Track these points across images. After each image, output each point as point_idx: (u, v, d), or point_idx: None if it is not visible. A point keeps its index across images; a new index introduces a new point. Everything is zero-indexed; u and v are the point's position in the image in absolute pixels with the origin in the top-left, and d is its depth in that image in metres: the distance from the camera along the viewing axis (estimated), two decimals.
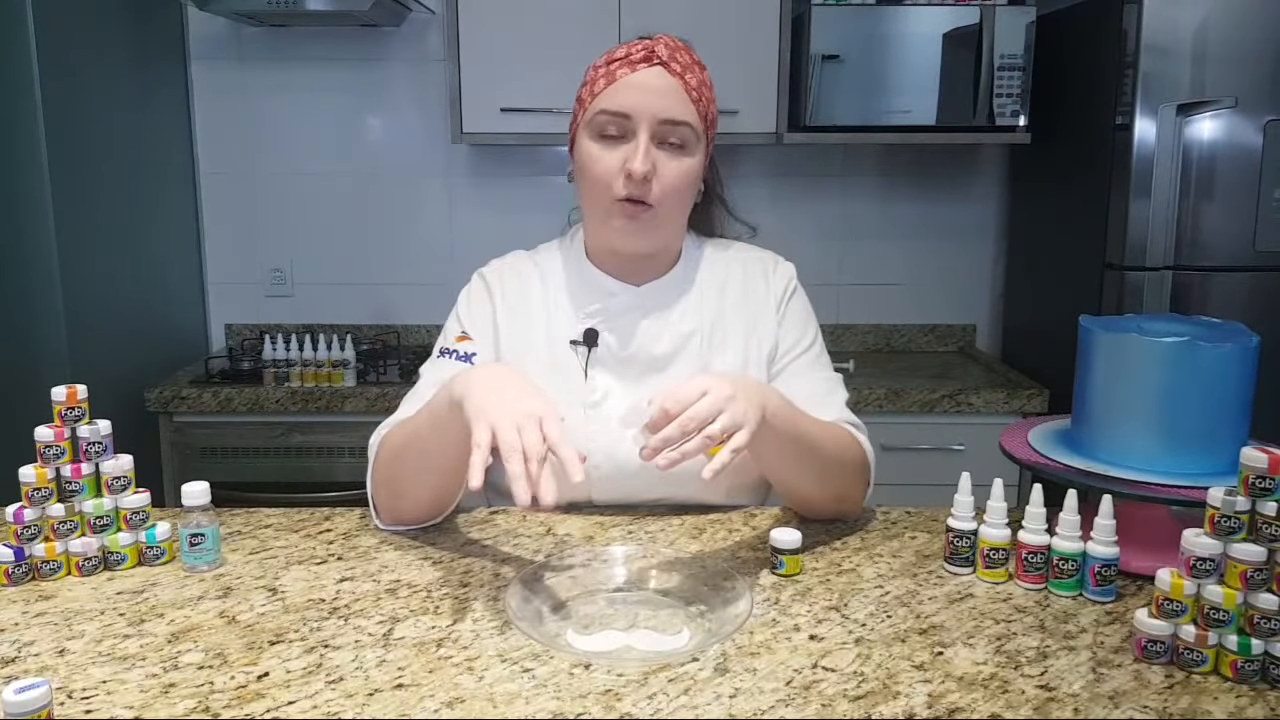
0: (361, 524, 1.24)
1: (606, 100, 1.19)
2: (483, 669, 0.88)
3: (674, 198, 1.21)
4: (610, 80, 1.19)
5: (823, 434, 1.17)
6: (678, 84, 1.19)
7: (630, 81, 1.18)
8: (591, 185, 1.21)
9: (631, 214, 1.20)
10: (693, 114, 1.20)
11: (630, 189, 1.18)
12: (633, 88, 1.18)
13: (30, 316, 2.11)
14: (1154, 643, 0.90)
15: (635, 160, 1.17)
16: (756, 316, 1.31)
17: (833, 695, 0.84)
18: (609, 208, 1.21)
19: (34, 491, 1.07)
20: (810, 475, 1.19)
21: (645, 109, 1.17)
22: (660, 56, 1.19)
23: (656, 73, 1.18)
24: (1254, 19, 2.06)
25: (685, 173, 1.21)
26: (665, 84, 1.18)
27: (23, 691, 0.74)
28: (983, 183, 2.83)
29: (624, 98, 1.18)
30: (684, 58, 1.21)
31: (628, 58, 1.20)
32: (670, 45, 1.21)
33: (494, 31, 2.42)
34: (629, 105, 1.18)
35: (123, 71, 2.41)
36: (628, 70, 1.19)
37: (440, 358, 1.28)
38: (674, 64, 1.19)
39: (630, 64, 1.19)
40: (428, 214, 2.83)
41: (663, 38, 1.22)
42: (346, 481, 2.33)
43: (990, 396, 2.34)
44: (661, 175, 1.19)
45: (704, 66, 1.24)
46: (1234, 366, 1.07)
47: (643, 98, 1.18)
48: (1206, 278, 2.17)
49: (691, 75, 1.20)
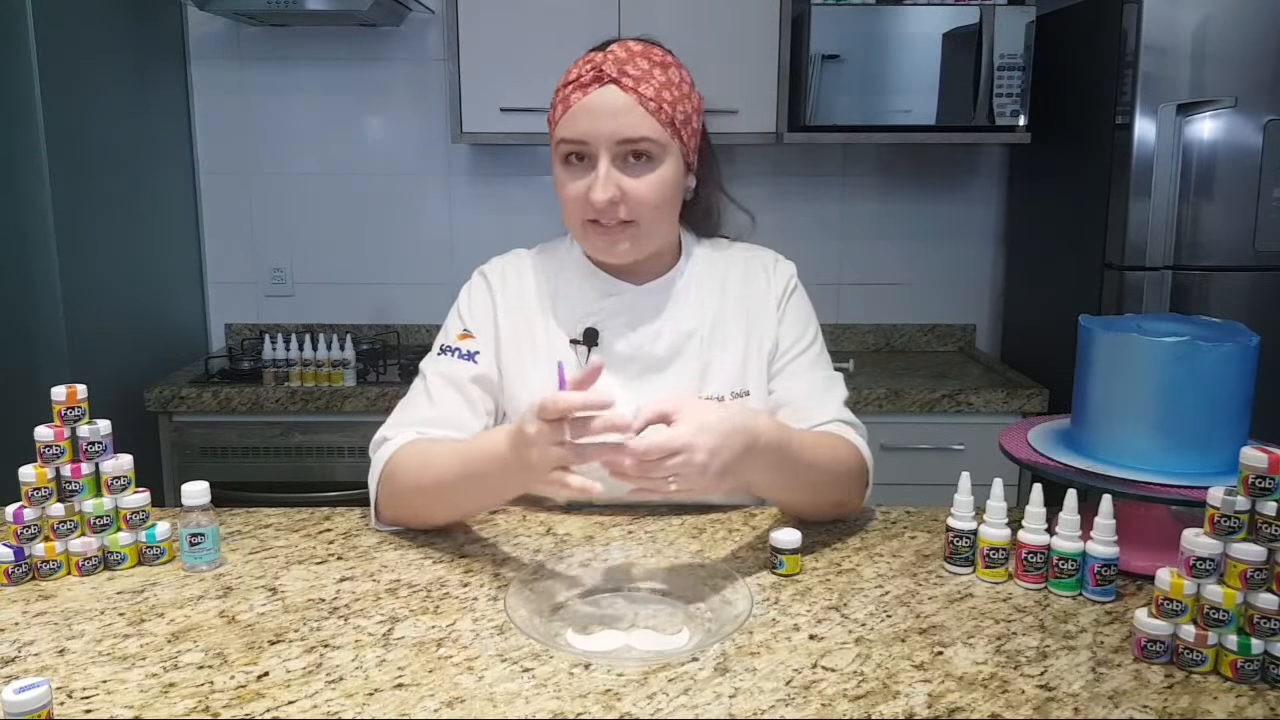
0: (361, 524, 1.24)
1: (564, 129, 1.18)
2: (483, 669, 0.88)
3: (650, 210, 1.20)
4: (566, 106, 1.18)
5: (817, 450, 1.16)
6: (631, 99, 1.15)
7: (583, 106, 1.16)
8: (566, 209, 1.22)
9: (608, 233, 1.20)
10: (652, 126, 1.16)
11: (598, 213, 1.18)
12: (586, 112, 1.16)
13: (30, 316, 2.10)
14: (1154, 642, 0.90)
15: (595, 189, 1.16)
16: (757, 315, 1.30)
17: (833, 695, 0.84)
18: (584, 226, 1.21)
19: (34, 491, 1.07)
20: (804, 493, 1.18)
21: (599, 133, 1.15)
22: (610, 74, 1.15)
23: (608, 92, 1.15)
24: (1254, 19, 2.06)
25: (655, 184, 1.18)
26: (618, 103, 1.15)
27: (23, 691, 0.74)
28: (982, 183, 2.83)
29: (578, 124, 1.16)
30: (639, 66, 1.16)
31: (578, 80, 1.17)
32: (621, 57, 1.17)
33: (494, 31, 2.42)
34: (583, 132, 1.16)
35: (123, 71, 2.41)
36: (580, 94, 1.16)
37: (441, 355, 1.28)
38: (625, 79, 1.15)
39: (581, 87, 1.17)
40: (428, 214, 2.83)
41: (615, 49, 1.18)
42: (346, 481, 2.33)
43: (990, 396, 2.34)
44: (630, 194, 1.17)
45: (669, 65, 1.20)
46: (1234, 366, 1.07)
47: (596, 122, 1.15)
48: (1206, 278, 2.17)
49: (647, 85, 1.16)
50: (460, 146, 2.75)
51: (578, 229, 1.23)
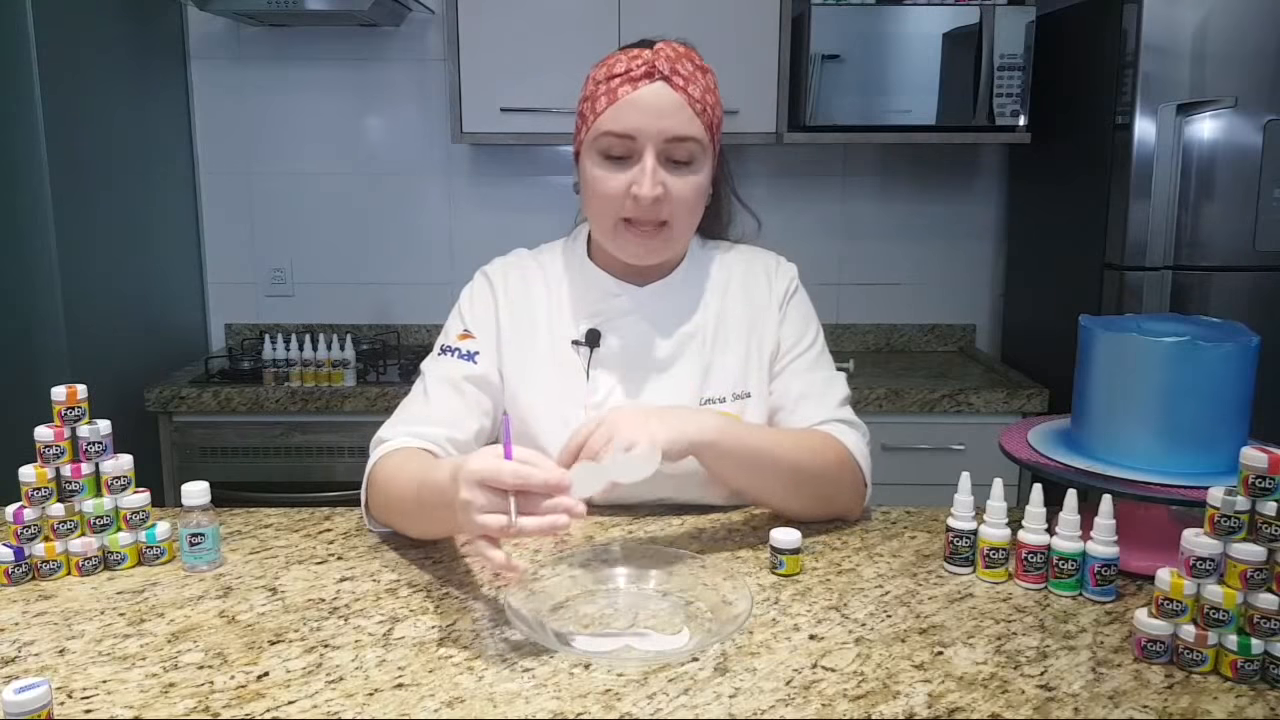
0: (361, 524, 1.24)
1: (609, 121, 1.16)
2: (483, 669, 0.88)
3: (685, 213, 1.20)
4: (612, 99, 1.16)
5: (795, 448, 1.16)
6: (681, 99, 1.15)
7: (633, 100, 1.15)
8: (599, 205, 1.20)
9: (644, 234, 1.19)
10: (698, 128, 1.17)
11: (637, 212, 1.17)
12: (635, 107, 1.15)
13: (30, 316, 2.11)
14: (1154, 642, 0.90)
15: (643, 185, 1.15)
16: (758, 317, 1.30)
17: (833, 695, 0.84)
18: (616, 226, 1.20)
19: (34, 491, 1.07)
20: (783, 491, 1.19)
21: (649, 129, 1.15)
22: (662, 71, 1.15)
23: (659, 89, 1.15)
24: (1254, 19, 2.06)
25: (694, 187, 1.19)
26: (669, 101, 1.15)
27: (23, 691, 0.74)
28: (983, 182, 2.83)
29: (627, 118, 1.15)
30: (686, 67, 1.17)
31: (628, 74, 1.16)
32: (671, 56, 1.17)
33: (494, 31, 2.42)
34: (633, 126, 1.15)
35: (123, 71, 2.41)
36: (629, 88, 1.15)
37: (442, 355, 1.28)
38: (676, 78, 1.15)
39: (631, 80, 1.15)
40: (428, 214, 2.83)
41: (663, 47, 1.17)
42: (346, 481, 2.33)
43: (990, 396, 2.34)
44: (671, 194, 1.17)
45: (707, 69, 1.20)
46: (1234, 366, 1.07)
47: (646, 117, 1.15)
48: (1206, 278, 2.17)
49: (695, 86, 1.16)
50: (460, 146, 2.75)
51: (608, 228, 1.21)
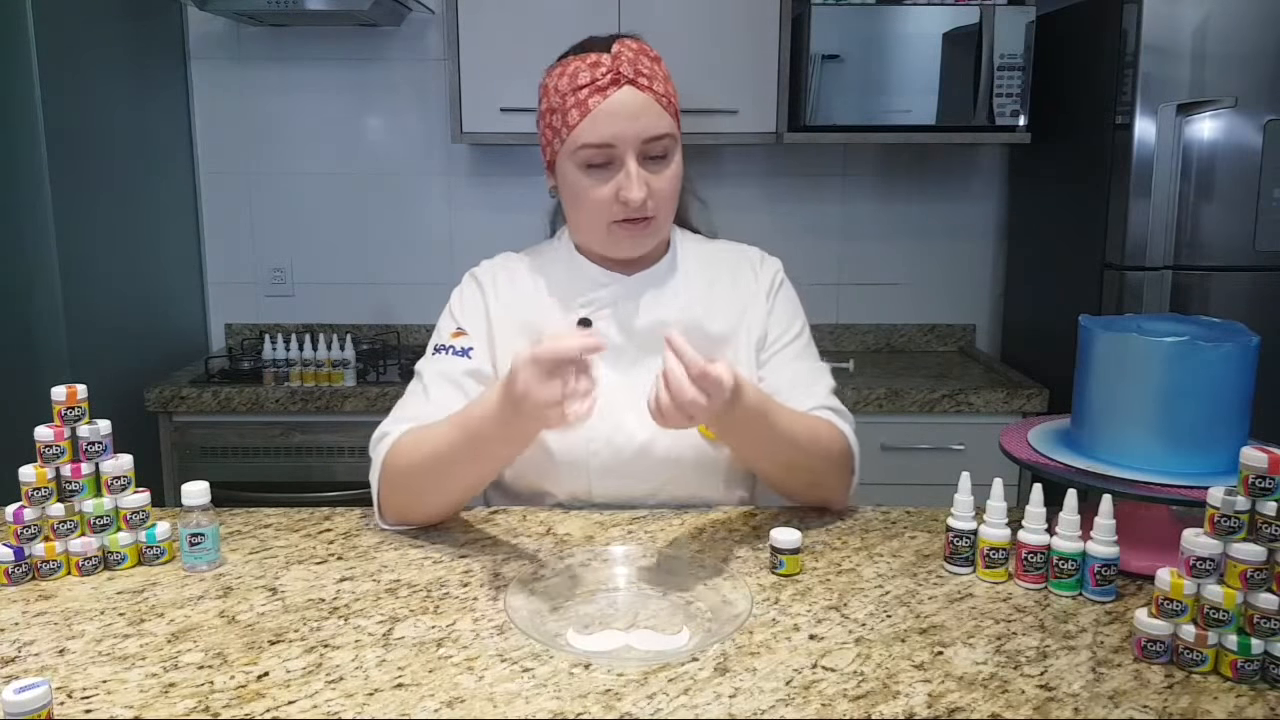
0: (361, 524, 1.24)
1: (587, 133, 1.17)
2: (483, 669, 0.88)
3: (668, 203, 1.24)
4: (584, 111, 1.17)
5: (795, 425, 1.18)
6: (649, 98, 1.18)
7: (606, 110, 1.17)
8: (589, 213, 1.23)
9: (634, 230, 1.23)
10: (668, 122, 1.20)
11: (626, 214, 1.20)
12: (611, 116, 1.17)
13: (30, 316, 2.10)
14: (1154, 642, 0.90)
15: (631, 190, 1.18)
16: (746, 307, 1.33)
17: (833, 695, 0.84)
18: (609, 229, 1.23)
19: (34, 491, 1.07)
20: (780, 463, 1.20)
21: (626, 134, 1.17)
22: (627, 75, 1.17)
23: (627, 94, 1.17)
24: (1254, 19, 2.06)
25: (673, 178, 1.23)
26: (639, 103, 1.17)
27: (23, 691, 0.74)
28: (983, 182, 2.83)
29: (604, 128, 1.17)
30: (646, 65, 1.19)
31: (594, 84, 1.17)
32: (630, 57, 1.18)
33: (494, 31, 2.42)
34: (610, 135, 1.17)
35: (123, 71, 2.41)
36: (599, 98, 1.17)
37: (436, 354, 1.29)
38: (641, 79, 1.18)
39: (600, 90, 1.17)
40: (428, 214, 2.83)
41: (620, 50, 1.19)
42: (346, 481, 2.33)
43: (990, 396, 2.34)
44: (654, 189, 1.20)
45: (659, 58, 1.23)
46: (1234, 366, 1.07)
47: (621, 124, 1.17)
48: (1206, 278, 2.17)
49: (657, 82, 1.20)
50: (460, 146, 2.75)
51: (600, 231, 1.24)
